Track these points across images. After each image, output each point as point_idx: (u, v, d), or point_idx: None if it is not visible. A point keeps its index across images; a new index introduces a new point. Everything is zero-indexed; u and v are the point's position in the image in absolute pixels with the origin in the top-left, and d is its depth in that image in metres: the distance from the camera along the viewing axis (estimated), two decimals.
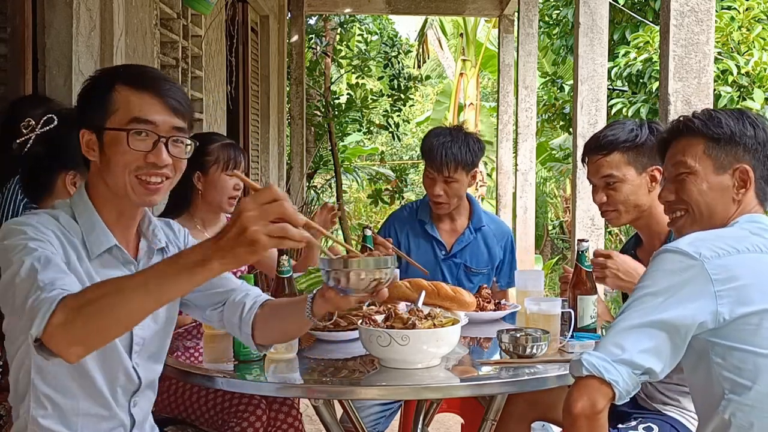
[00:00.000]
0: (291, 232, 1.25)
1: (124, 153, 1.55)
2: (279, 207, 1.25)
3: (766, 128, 1.69)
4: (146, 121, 1.56)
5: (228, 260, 1.27)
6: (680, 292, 1.49)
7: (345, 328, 2.11)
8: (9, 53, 3.02)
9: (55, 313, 1.30)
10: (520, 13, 7.87)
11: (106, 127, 1.56)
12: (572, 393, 1.48)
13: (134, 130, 1.55)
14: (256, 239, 1.24)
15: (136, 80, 1.59)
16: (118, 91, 1.57)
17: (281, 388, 1.91)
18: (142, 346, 1.68)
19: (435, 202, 2.93)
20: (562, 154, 12.14)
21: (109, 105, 1.56)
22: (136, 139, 1.55)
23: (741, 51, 6.25)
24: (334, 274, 1.51)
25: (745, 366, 1.50)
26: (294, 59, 8.71)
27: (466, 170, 2.89)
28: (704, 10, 2.85)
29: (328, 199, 12.30)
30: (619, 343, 1.48)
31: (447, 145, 2.85)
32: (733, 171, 1.67)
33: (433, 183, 2.90)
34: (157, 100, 1.58)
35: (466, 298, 2.34)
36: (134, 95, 1.57)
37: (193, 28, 4.66)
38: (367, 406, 2.74)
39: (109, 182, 1.59)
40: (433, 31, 15.42)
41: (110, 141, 1.56)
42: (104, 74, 1.64)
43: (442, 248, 3.01)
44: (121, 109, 1.56)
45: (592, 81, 4.61)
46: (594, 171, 2.37)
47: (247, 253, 1.26)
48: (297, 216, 1.27)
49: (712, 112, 1.72)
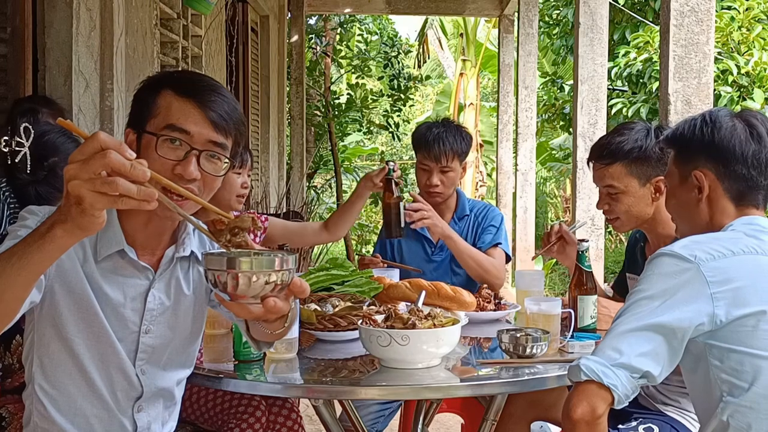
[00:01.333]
0: (124, 186, 1.05)
1: (152, 160, 1.47)
2: (102, 158, 1.05)
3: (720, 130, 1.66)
4: (180, 130, 1.49)
5: (68, 225, 1.11)
6: (676, 295, 1.49)
7: (345, 328, 2.11)
8: (9, 53, 3.02)
9: None
10: (520, 13, 7.87)
11: (146, 130, 1.51)
12: (571, 398, 1.48)
13: (166, 137, 1.49)
14: (79, 195, 1.06)
15: (182, 86, 1.53)
16: (164, 95, 1.52)
17: (281, 388, 1.90)
18: (150, 354, 1.63)
19: (430, 192, 2.96)
20: (562, 154, 12.15)
21: (153, 108, 1.52)
22: (167, 146, 1.49)
23: (741, 51, 6.25)
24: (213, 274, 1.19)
25: (742, 368, 1.49)
26: (294, 59, 8.72)
27: (460, 159, 2.96)
28: (704, 10, 2.85)
29: (328, 200, 12.30)
30: (617, 347, 1.48)
31: (442, 135, 2.91)
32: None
33: (429, 174, 2.94)
34: (199, 110, 1.51)
35: (466, 298, 2.34)
36: (177, 101, 1.51)
37: (193, 28, 4.66)
38: (366, 405, 2.75)
39: None
40: (433, 31, 15.43)
41: (145, 144, 1.51)
42: (158, 76, 1.59)
43: (431, 244, 3.04)
44: (162, 113, 1.51)
45: (592, 81, 4.61)
46: (597, 178, 2.35)
47: (78, 214, 1.09)
48: (134, 169, 1.07)
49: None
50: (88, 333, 1.55)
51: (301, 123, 8.75)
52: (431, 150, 2.90)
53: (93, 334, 1.56)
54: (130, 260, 1.58)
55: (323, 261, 3.14)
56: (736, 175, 1.64)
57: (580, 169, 4.61)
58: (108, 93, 3.22)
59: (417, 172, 3.00)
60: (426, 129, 2.97)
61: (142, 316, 1.61)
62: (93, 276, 1.54)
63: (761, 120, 1.65)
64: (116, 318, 1.58)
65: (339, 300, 2.27)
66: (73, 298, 1.53)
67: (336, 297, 2.29)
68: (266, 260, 1.18)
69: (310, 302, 2.24)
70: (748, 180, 1.63)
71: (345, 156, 12.06)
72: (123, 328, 1.59)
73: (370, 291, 2.38)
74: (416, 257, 3.02)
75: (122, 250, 1.56)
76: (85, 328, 1.55)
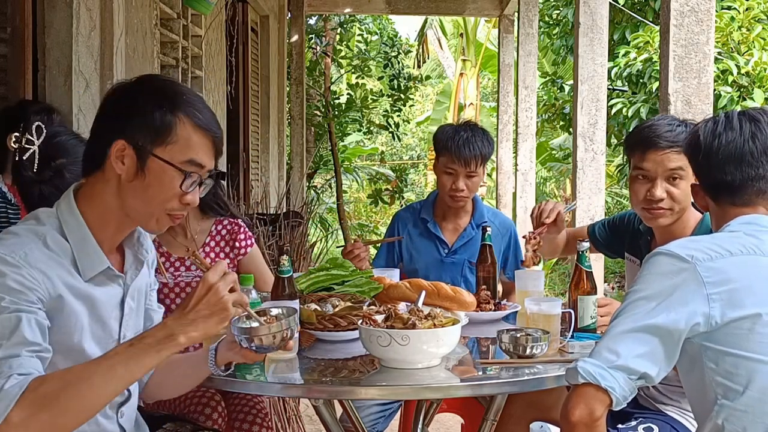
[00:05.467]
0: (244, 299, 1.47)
1: (167, 188, 1.51)
2: (232, 276, 1.43)
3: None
4: (199, 165, 1.54)
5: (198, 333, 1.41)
6: (672, 295, 1.49)
7: (345, 328, 2.11)
8: (9, 53, 3.02)
9: (15, 410, 1.29)
10: (520, 13, 7.87)
11: (156, 154, 1.50)
12: (569, 400, 1.48)
13: (191, 172, 1.53)
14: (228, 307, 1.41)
15: (201, 119, 1.54)
16: (182, 123, 1.52)
17: (281, 388, 1.90)
18: None
19: (455, 197, 2.92)
20: (562, 154, 12.15)
21: (168, 133, 1.50)
22: (189, 180, 1.53)
23: (741, 51, 6.24)
24: (247, 339, 1.61)
25: (737, 371, 1.49)
26: (294, 59, 8.72)
27: (484, 164, 2.93)
28: (704, 10, 2.85)
29: (328, 200, 12.30)
30: (614, 348, 1.48)
31: (471, 140, 2.86)
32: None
33: (455, 178, 2.88)
34: (213, 145, 1.56)
35: (466, 298, 2.34)
36: (196, 135, 1.53)
37: (193, 28, 4.66)
38: (366, 405, 2.74)
39: (129, 203, 1.53)
40: (433, 31, 15.43)
41: (156, 168, 1.51)
42: (168, 95, 1.54)
43: (445, 246, 3.01)
44: (180, 144, 1.51)
45: (592, 81, 4.61)
46: (658, 161, 2.20)
47: (218, 323, 1.42)
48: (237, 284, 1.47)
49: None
50: (78, 358, 1.52)
51: (301, 123, 8.75)
52: (461, 154, 2.84)
53: (82, 356, 1.53)
54: (107, 272, 1.57)
55: (323, 261, 3.14)
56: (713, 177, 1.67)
57: (580, 169, 4.61)
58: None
59: (440, 176, 2.93)
60: (453, 132, 2.89)
61: (120, 323, 1.62)
62: (84, 294, 1.52)
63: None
64: (103, 330, 1.58)
65: (339, 300, 2.26)
66: (64, 329, 1.50)
67: (336, 297, 2.29)
68: (275, 326, 1.62)
69: (310, 302, 2.23)
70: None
71: (345, 156, 12.07)
72: (108, 338, 1.59)
73: (370, 291, 2.38)
74: (428, 257, 3.00)
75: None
76: (74, 359, 1.51)
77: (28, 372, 1.34)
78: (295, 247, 4.60)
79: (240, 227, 2.71)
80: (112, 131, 1.52)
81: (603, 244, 2.65)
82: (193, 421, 2.34)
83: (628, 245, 2.50)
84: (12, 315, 1.37)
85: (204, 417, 2.30)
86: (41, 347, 1.40)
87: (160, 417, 2.21)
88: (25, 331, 1.37)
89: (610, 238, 2.61)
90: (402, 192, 11.81)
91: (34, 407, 1.30)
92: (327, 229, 10.04)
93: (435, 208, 3.06)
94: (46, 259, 1.46)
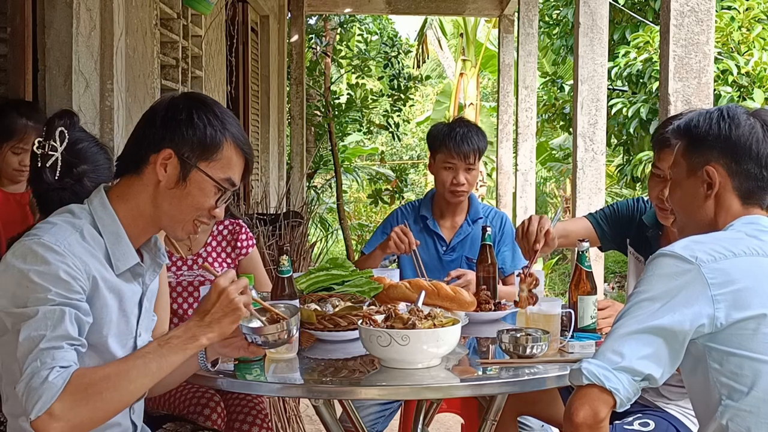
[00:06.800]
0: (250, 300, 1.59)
1: (203, 200, 1.63)
2: (244, 281, 1.57)
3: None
4: (233, 184, 1.67)
5: (215, 333, 1.54)
6: (677, 297, 1.48)
7: (345, 328, 2.11)
8: (9, 53, 3.02)
9: (57, 402, 1.35)
10: (520, 13, 7.87)
11: (200, 168, 1.62)
12: (573, 402, 1.47)
13: (227, 189, 1.66)
14: (239, 308, 1.54)
15: (242, 144, 1.68)
16: (228, 144, 1.65)
17: (281, 388, 1.91)
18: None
19: (455, 192, 2.97)
20: (562, 154, 12.15)
21: (215, 150, 1.63)
22: (223, 196, 1.67)
23: (741, 51, 6.24)
24: (257, 337, 1.71)
25: (741, 371, 1.49)
26: (294, 59, 8.71)
27: (480, 159, 3.03)
28: (704, 10, 2.85)
29: (328, 200, 12.30)
30: (618, 350, 1.48)
31: (468, 135, 2.96)
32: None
33: (455, 172, 2.96)
34: (245, 165, 1.70)
35: (466, 298, 2.34)
36: (237, 157, 1.67)
37: (193, 28, 4.66)
38: (366, 405, 2.75)
39: (164, 208, 1.63)
40: (433, 31, 15.41)
41: (198, 180, 1.62)
42: (210, 113, 1.65)
43: (443, 243, 3.05)
44: (223, 162, 1.64)
45: (592, 81, 4.61)
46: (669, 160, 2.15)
47: (231, 323, 1.55)
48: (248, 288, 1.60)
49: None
50: (98, 359, 1.57)
51: (301, 123, 8.75)
52: (460, 148, 2.93)
53: (106, 351, 1.60)
54: (133, 268, 1.65)
55: (323, 261, 3.14)
56: (747, 174, 1.62)
57: (580, 169, 4.60)
58: (108, 93, 3.21)
59: (439, 172, 3.00)
60: (449, 128, 2.99)
61: (138, 320, 1.69)
62: (116, 288, 1.60)
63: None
64: (126, 325, 1.65)
65: (339, 300, 2.27)
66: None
67: (336, 297, 2.29)
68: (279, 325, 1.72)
69: (310, 302, 2.24)
70: (759, 180, 1.62)
71: (345, 156, 12.05)
72: (128, 335, 1.66)
73: (370, 291, 2.38)
74: (427, 252, 3.04)
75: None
76: (98, 353, 1.58)
77: (68, 364, 1.41)
78: (295, 247, 4.60)
79: (241, 228, 2.72)
80: (160, 140, 1.61)
81: (606, 238, 2.59)
82: (193, 421, 2.35)
83: (633, 239, 2.49)
84: (56, 308, 1.44)
85: (203, 417, 2.30)
86: (80, 342, 1.47)
87: (160, 417, 2.22)
88: (68, 326, 1.44)
89: (611, 232, 2.58)
90: (402, 192, 11.80)
91: (76, 400, 1.37)
92: (327, 229, 10.05)
93: (433, 206, 3.12)
94: (83, 251, 1.54)
